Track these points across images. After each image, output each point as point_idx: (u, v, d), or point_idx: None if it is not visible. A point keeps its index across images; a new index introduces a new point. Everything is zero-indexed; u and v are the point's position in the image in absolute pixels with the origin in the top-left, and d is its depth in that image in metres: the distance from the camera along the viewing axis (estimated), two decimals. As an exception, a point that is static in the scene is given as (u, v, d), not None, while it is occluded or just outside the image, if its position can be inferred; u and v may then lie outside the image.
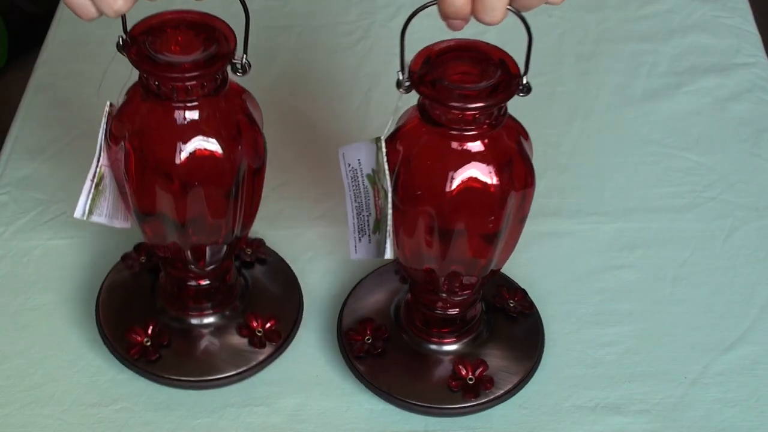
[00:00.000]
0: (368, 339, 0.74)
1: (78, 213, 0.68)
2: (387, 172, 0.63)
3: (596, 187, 0.88)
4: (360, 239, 0.68)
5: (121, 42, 0.62)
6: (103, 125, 0.65)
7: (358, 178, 0.66)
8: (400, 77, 0.61)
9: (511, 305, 0.77)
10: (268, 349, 0.74)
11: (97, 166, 0.66)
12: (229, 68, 0.63)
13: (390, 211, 0.64)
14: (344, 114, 0.95)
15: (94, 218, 0.68)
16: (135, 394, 0.74)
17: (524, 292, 0.78)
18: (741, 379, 0.74)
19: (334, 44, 1.03)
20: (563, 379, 0.75)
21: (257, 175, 0.67)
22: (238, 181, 0.66)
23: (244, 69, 0.63)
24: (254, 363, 0.73)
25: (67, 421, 0.73)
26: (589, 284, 0.81)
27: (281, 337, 0.75)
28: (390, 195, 0.63)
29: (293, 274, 0.80)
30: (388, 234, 0.64)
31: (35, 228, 0.86)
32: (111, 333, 0.75)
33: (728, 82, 0.97)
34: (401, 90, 0.61)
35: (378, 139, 0.64)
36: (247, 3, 0.61)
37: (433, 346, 0.74)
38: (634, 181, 0.88)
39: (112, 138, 0.65)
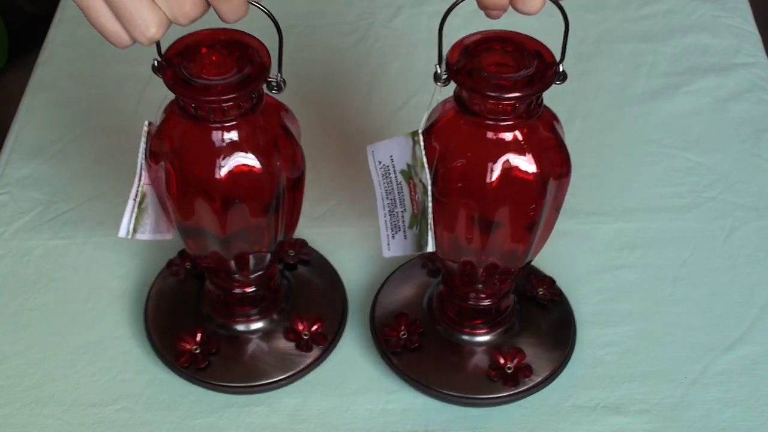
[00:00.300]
0: (403, 334, 0.75)
1: (122, 233, 0.68)
2: (426, 165, 0.63)
3: (596, 187, 0.88)
4: (393, 236, 0.68)
5: (156, 64, 0.61)
6: (142, 144, 0.65)
7: (390, 174, 0.66)
8: (438, 70, 0.61)
9: (540, 293, 0.78)
10: (315, 352, 0.74)
11: (138, 185, 0.66)
12: (264, 86, 0.63)
13: (430, 205, 0.64)
14: (344, 114, 0.95)
15: (138, 236, 0.68)
16: (135, 394, 0.74)
17: (552, 280, 0.79)
18: (741, 379, 0.74)
19: (334, 44, 1.03)
20: (563, 379, 0.75)
21: (297, 186, 0.67)
22: (279, 193, 0.65)
23: (279, 87, 0.62)
24: (302, 366, 0.74)
25: (67, 421, 0.73)
26: (589, 284, 0.81)
27: (327, 340, 0.75)
28: (429, 188, 0.64)
29: (336, 273, 0.80)
30: (429, 227, 0.65)
31: (35, 228, 0.86)
32: (159, 340, 0.75)
33: (728, 82, 0.97)
34: (439, 83, 0.61)
35: (415, 133, 0.64)
36: (278, 21, 0.60)
37: (467, 338, 0.75)
38: (634, 181, 0.88)
39: (152, 157, 0.65)
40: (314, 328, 0.75)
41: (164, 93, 0.65)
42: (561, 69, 0.61)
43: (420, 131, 0.64)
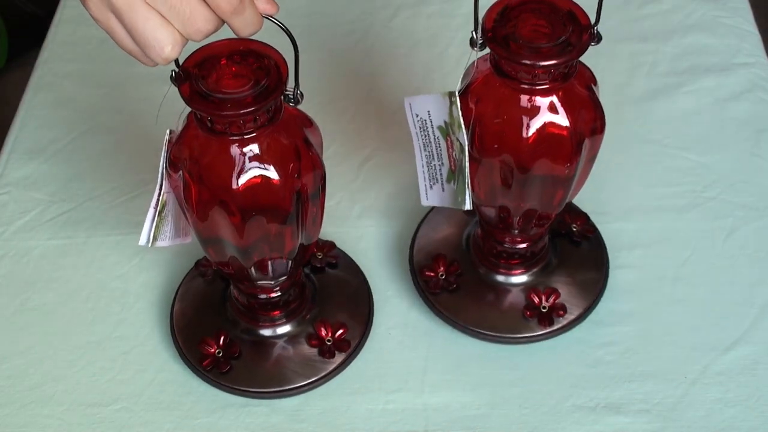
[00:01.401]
0: (442, 275, 0.76)
1: (143, 241, 0.67)
2: (462, 125, 0.64)
3: (596, 186, 0.88)
4: (431, 186, 0.70)
5: (173, 75, 0.61)
6: (163, 153, 0.64)
7: (427, 128, 0.67)
8: (474, 36, 0.62)
9: (574, 229, 0.79)
10: (338, 358, 0.74)
11: (159, 194, 0.66)
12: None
13: (467, 165, 0.65)
14: (344, 114, 0.95)
15: (159, 243, 0.68)
16: (135, 394, 0.74)
17: (586, 216, 0.80)
18: (741, 379, 0.74)
19: (334, 44, 1.03)
20: (563, 379, 0.75)
21: (317, 196, 0.67)
22: (298, 205, 0.65)
23: (297, 100, 0.62)
24: (324, 373, 0.74)
25: (67, 421, 0.73)
26: (589, 284, 0.81)
27: (350, 346, 0.75)
28: (467, 148, 0.65)
29: (364, 276, 0.80)
30: (466, 186, 0.66)
31: (35, 228, 0.86)
32: (184, 343, 0.75)
33: (728, 82, 0.97)
34: (475, 48, 0.62)
35: (452, 94, 0.64)
36: (294, 36, 0.60)
37: (503, 278, 0.76)
38: (633, 181, 0.88)
39: (171, 166, 0.64)
40: (338, 334, 0.75)
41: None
42: (596, 31, 0.62)
43: (457, 92, 0.64)
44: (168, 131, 0.65)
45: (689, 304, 0.79)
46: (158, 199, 0.66)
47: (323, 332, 0.75)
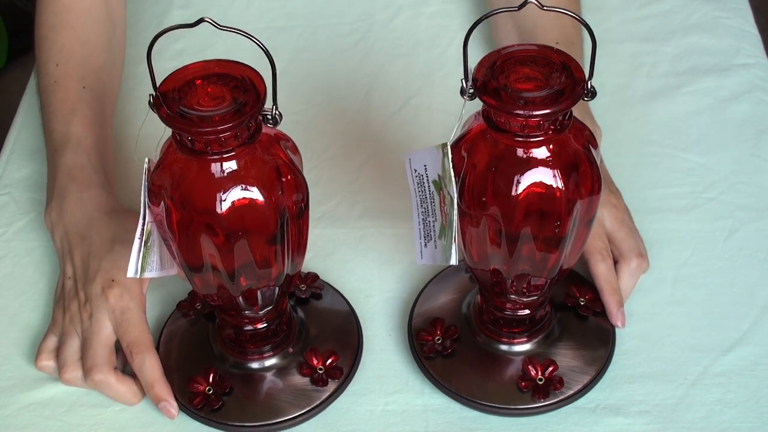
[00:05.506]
0: (438, 339, 0.75)
1: (131, 273, 0.67)
2: (453, 178, 0.63)
3: (596, 187, 0.88)
4: (426, 244, 0.68)
5: (151, 99, 0.61)
6: (144, 182, 0.64)
7: (424, 183, 0.66)
8: (464, 85, 0.61)
9: (582, 303, 0.77)
10: (331, 386, 0.73)
11: (143, 225, 0.65)
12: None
13: (456, 218, 0.64)
14: (344, 114, 0.95)
15: (146, 274, 0.68)
16: (135, 395, 0.75)
17: (595, 290, 0.78)
18: (741, 379, 0.74)
19: (334, 44, 1.03)
20: (563, 380, 0.75)
21: (301, 216, 0.66)
22: (282, 225, 0.64)
23: (275, 120, 0.62)
24: (318, 402, 0.73)
25: (68, 423, 0.73)
26: (590, 285, 0.81)
27: (343, 373, 0.74)
28: (456, 201, 0.63)
29: (350, 305, 0.79)
30: (453, 240, 0.64)
31: (36, 228, 0.86)
32: (173, 383, 0.74)
33: (728, 83, 0.97)
34: (465, 97, 0.61)
35: (444, 145, 0.63)
36: (270, 51, 0.59)
37: (504, 347, 0.74)
38: (633, 181, 0.88)
39: (152, 195, 0.64)
40: (329, 361, 0.74)
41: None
42: (590, 85, 0.60)
43: (449, 144, 0.63)
44: (147, 160, 0.64)
45: (689, 304, 0.79)
46: (143, 229, 0.66)
47: (314, 361, 0.74)
